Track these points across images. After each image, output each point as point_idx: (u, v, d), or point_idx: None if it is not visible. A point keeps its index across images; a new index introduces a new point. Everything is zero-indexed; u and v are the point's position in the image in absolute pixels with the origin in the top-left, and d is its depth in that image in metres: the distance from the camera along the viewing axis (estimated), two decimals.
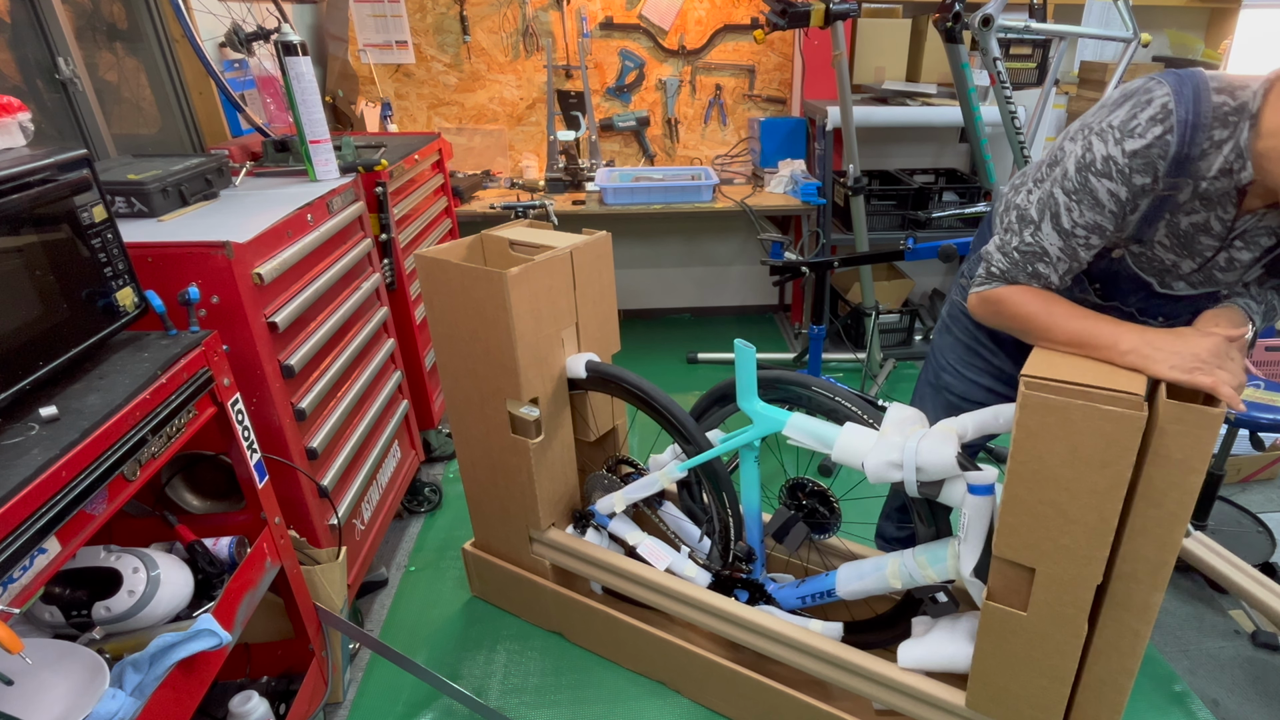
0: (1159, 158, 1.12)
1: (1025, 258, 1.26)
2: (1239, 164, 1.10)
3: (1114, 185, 1.16)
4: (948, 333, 1.64)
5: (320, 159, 1.94)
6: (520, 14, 3.37)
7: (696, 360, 3.60)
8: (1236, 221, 1.18)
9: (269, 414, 1.54)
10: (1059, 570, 1.16)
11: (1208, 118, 1.09)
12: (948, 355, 1.63)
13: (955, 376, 1.62)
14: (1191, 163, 1.11)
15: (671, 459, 1.81)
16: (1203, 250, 1.21)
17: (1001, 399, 1.56)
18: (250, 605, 1.37)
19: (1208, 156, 1.11)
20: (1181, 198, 1.16)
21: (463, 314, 1.67)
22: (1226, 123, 1.10)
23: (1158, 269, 1.27)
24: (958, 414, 1.40)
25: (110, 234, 1.19)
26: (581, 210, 3.18)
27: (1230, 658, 1.94)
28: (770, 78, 3.61)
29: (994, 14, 2.29)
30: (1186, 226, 1.20)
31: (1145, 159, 1.12)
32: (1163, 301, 1.31)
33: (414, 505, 2.52)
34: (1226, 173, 1.12)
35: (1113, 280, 1.32)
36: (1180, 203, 1.17)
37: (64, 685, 1.08)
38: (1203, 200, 1.16)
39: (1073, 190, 1.19)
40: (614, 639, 1.88)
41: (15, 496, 0.89)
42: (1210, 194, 1.15)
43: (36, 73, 1.87)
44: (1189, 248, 1.22)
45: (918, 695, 1.45)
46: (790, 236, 3.73)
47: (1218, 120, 1.10)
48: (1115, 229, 1.20)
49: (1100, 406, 1.03)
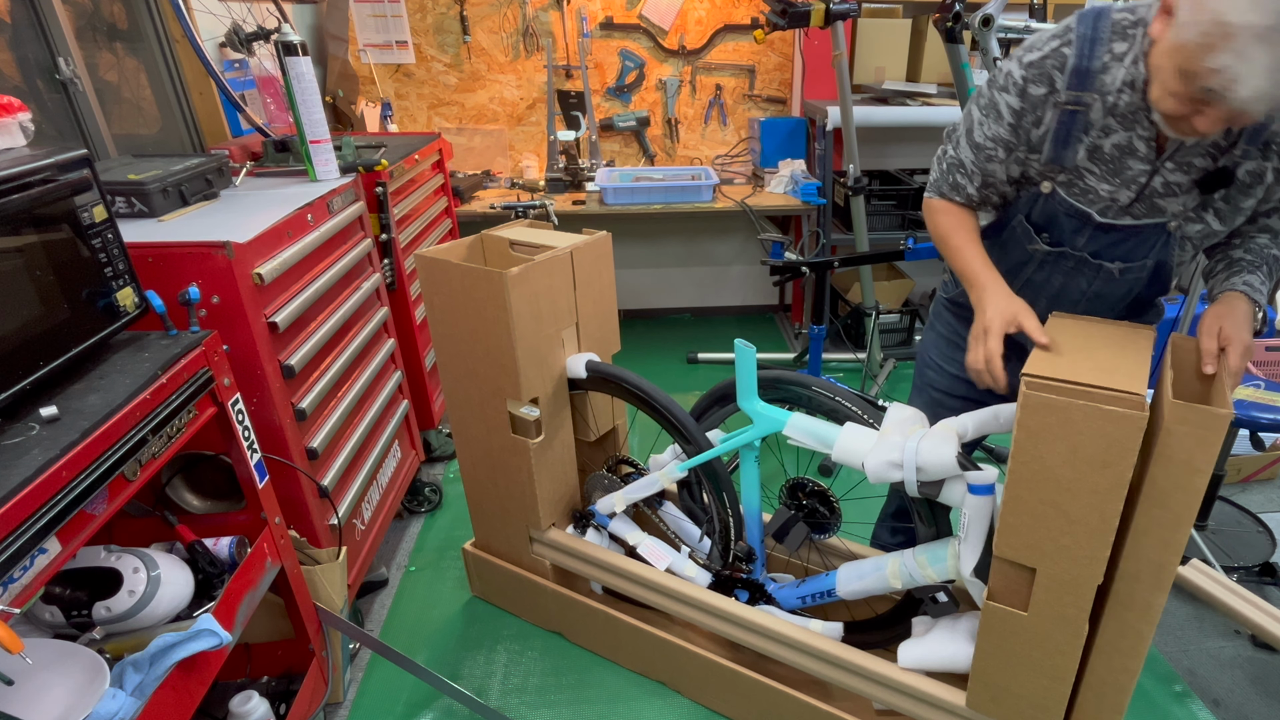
0: (1054, 68, 1.19)
1: (949, 169, 1.39)
2: (1137, 72, 1.14)
3: (1010, 97, 1.24)
4: (932, 329, 1.68)
5: (320, 159, 1.94)
6: (520, 14, 3.36)
7: (696, 360, 3.60)
8: (1165, 143, 1.18)
9: (269, 414, 1.54)
10: (1060, 570, 1.16)
11: (1106, 31, 1.15)
12: (930, 351, 1.66)
13: (937, 372, 1.64)
14: (1094, 76, 1.17)
15: (671, 459, 1.81)
16: (1135, 175, 1.22)
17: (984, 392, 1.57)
18: (250, 605, 1.37)
19: (1110, 70, 1.16)
20: (1093, 115, 1.20)
21: (463, 314, 1.67)
22: (1126, 35, 1.14)
23: (1093, 200, 1.27)
24: (942, 411, 1.43)
25: (110, 234, 1.19)
26: (581, 210, 3.18)
27: (1230, 658, 1.94)
28: (770, 78, 3.61)
29: (994, 14, 2.29)
30: (1111, 150, 1.21)
31: (1040, 69, 1.20)
32: (1110, 239, 1.30)
33: (414, 505, 2.52)
34: (1130, 85, 1.15)
35: (1054, 222, 1.34)
36: (1093, 121, 1.20)
37: (64, 685, 1.08)
38: (1118, 119, 1.19)
39: (984, 106, 1.29)
40: (614, 639, 1.87)
41: (15, 497, 0.89)
42: (1122, 110, 1.18)
43: (36, 73, 1.87)
44: (1120, 174, 1.23)
45: (918, 695, 1.45)
46: (790, 236, 3.73)
47: (1117, 33, 1.15)
48: (1016, 141, 1.28)
49: (1101, 407, 1.03)
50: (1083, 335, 1.23)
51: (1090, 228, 1.30)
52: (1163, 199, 1.24)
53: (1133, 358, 1.14)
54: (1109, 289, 1.37)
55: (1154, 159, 1.20)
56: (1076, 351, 1.17)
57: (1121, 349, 1.17)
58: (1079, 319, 1.29)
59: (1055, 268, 1.39)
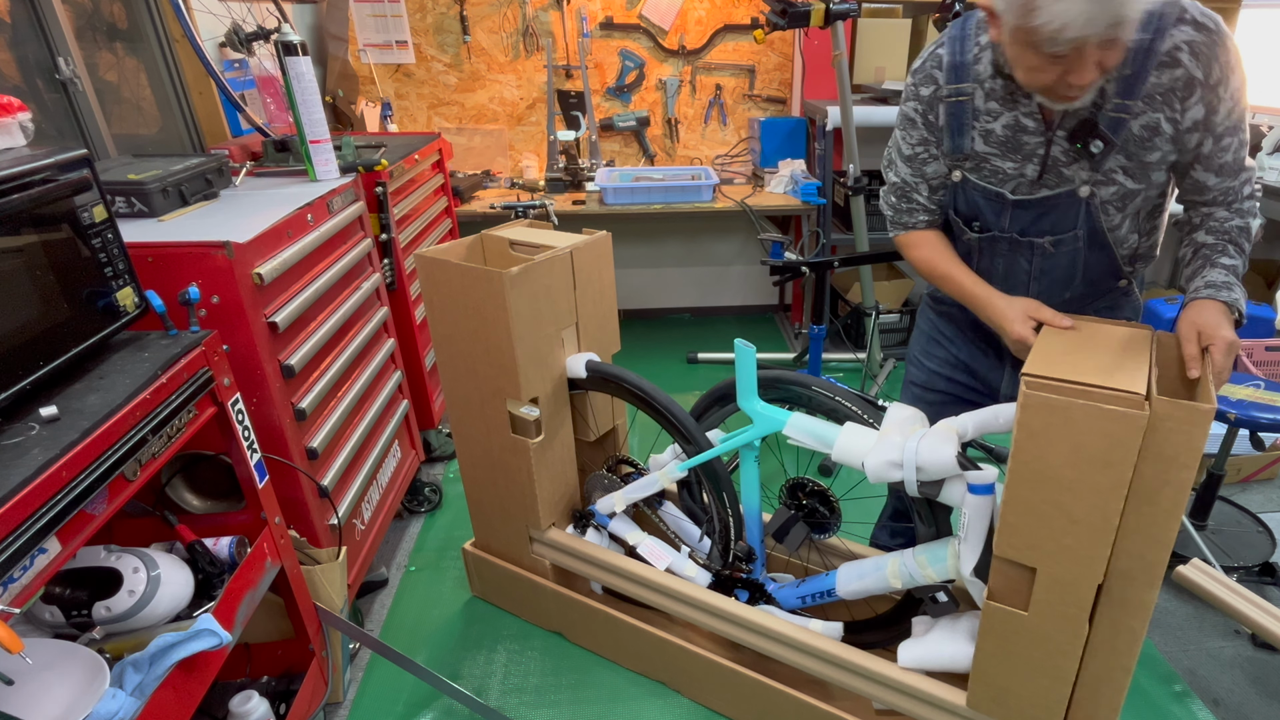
0: (934, 68, 1.34)
1: (899, 197, 1.49)
2: (1003, 59, 1.23)
3: (911, 104, 1.39)
4: (917, 327, 1.72)
5: (320, 159, 1.94)
6: (520, 14, 3.37)
7: (696, 360, 3.60)
8: (1051, 115, 1.26)
9: (269, 414, 1.54)
10: (1060, 570, 1.16)
11: (972, 28, 1.30)
12: (914, 348, 1.71)
13: (919, 367, 1.67)
14: (968, 67, 1.30)
15: (671, 459, 1.81)
16: (1033, 149, 1.30)
17: (962, 388, 1.62)
18: (250, 605, 1.37)
19: (981, 60, 1.29)
20: (977, 103, 1.31)
21: (463, 314, 1.67)
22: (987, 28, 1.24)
23: (1003, 179, 1.34)
24: (923, 406, 1.47)
25: (110, 234, 1.19)
26: (581, 210, 3.18)
27: (1230, 658, 1.94)
28: (770, 78, 3.61)
29: None
30: (1002, 131, 1.31)
31: (924, 73, 1.36)
32: (1030, 215, 1.35)
33: (414, 505, 2.52)
34: (999, 70, 1.27)
35: (976, 208, 1.40)
36: (978, 108, 1.31)
37: (64, 685, 1.08)
38: (999, 101, 1.29)
39: (900, 123, 1.44)
40: (614, 639, 1.87)
41: (15, 496, 0.89)
42: (999, 93, 1.29)
43: (36, 73, 1.87)
44: (1018, 150, 1.31)
45: (918, 695, 1.45)
46: (790, 236, 3.73)
47: (980, 28, 1.29)
48: (935, 139, 1.38)
49: (1102, 406, 1.03)
50: (1082, 335, 1.23)
51: (1008, 206, 1.36)
52: (1067, 167, 1.29)
53: (1132, 357, 1.14)
54: (1050, 264, 1.40)
55: (1044, 131, 1.28)
56: (1077, 351, 1.17)
57: (1121, 349, 1.17)
58: (1080, 319, 1.29)
59: (993, 252, 1.44)
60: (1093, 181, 1.29)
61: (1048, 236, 1.36)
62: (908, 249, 1.51)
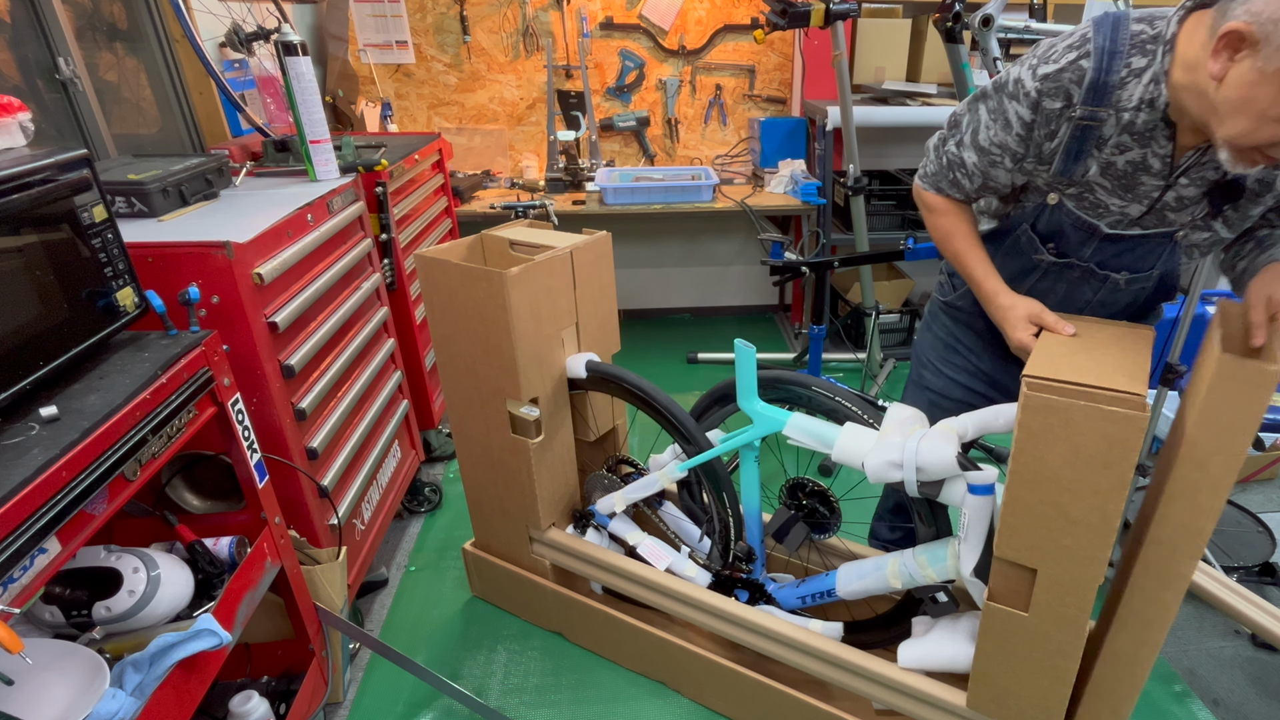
0: (1072, 83, 1.14)
1: (949, 165, 1.36)
2: (1157, 92, 1.11)
3: (1021, 108, 1.20)
4: (928, 331, 1.67)
5: (320, 159, 1.94)
6: (520, 14, 3.36)
7: (696, 360, 3.60)
8: (1178, 159, 1.16)
9: (269, 414, 1.54)
10: (1061, 571, 1.16)
11: (1124, 45, 1.11)
12: (928, 353, 1.66)
13: (935, 374, 1.64)
14: (1110, 91, 1.13)
15: (671, 459, 1.81)
16: (1148, 191, 1.21)
17: (979, 397, 1.59)
18: (250, 605, 1.37)
19: (1127, 85, 1.13)
20: (1106, 131, 1.17)
21: (463, 314, 1.67)
22: (1145, 51, 1.11)
23: (1102, 214, 1.26)
24: (938, 411, 1.42)
25: (110, 234, 1.19)
26: (581, 210, 3.17)
27: (1230, 658, 1.94)
28: (770, 78, 3.61)
29: (994, 14, 2.29)
30: (1124, 165, 1.19)
31: (1056, 83, 1.15)
32: (1116, 250, 1.29)
33: (414, 505, 2.52)
34: (1149, 103, 1.12)
35: (1061, 234, 1.32)
36: (1106, 137, 1.18)
37: (64, 685, 1.08)
38: (1133, 135, 1.16)
39: (992, 109, 1.25)
40: (614, 639, 1.87)
41: (15, 496, 0.89)
42: (1138, 127, 1.15)
43: (36, 73, 1.87)
44: (1132, 189, 1.21)
45: (918, 695, 1.45)
46: (790, 236, 3.73)
47: (1136, 48, 1.11)
48: (1025, 152, 1.24)
49: (1103, 407, 1.03)
50: (1083, 335, 1.23)
51: (1097, 239, 1.29)
52: (1174, 212, 1.23)
53: (1133, 358, 1.14)
54: (1114, 298, 1.37)
55: (1168, 175, 1.19)
56: (1077, 352, 1.17)
57: (1122, 349, 1.17)
58: (1079, 319, 1.29)
59: (1060, 277, 1.38)
60: (1190, 226, 1.25)
61: (1125, 273, 1.32)
62: (931, 211, 1.42)
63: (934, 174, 1.40)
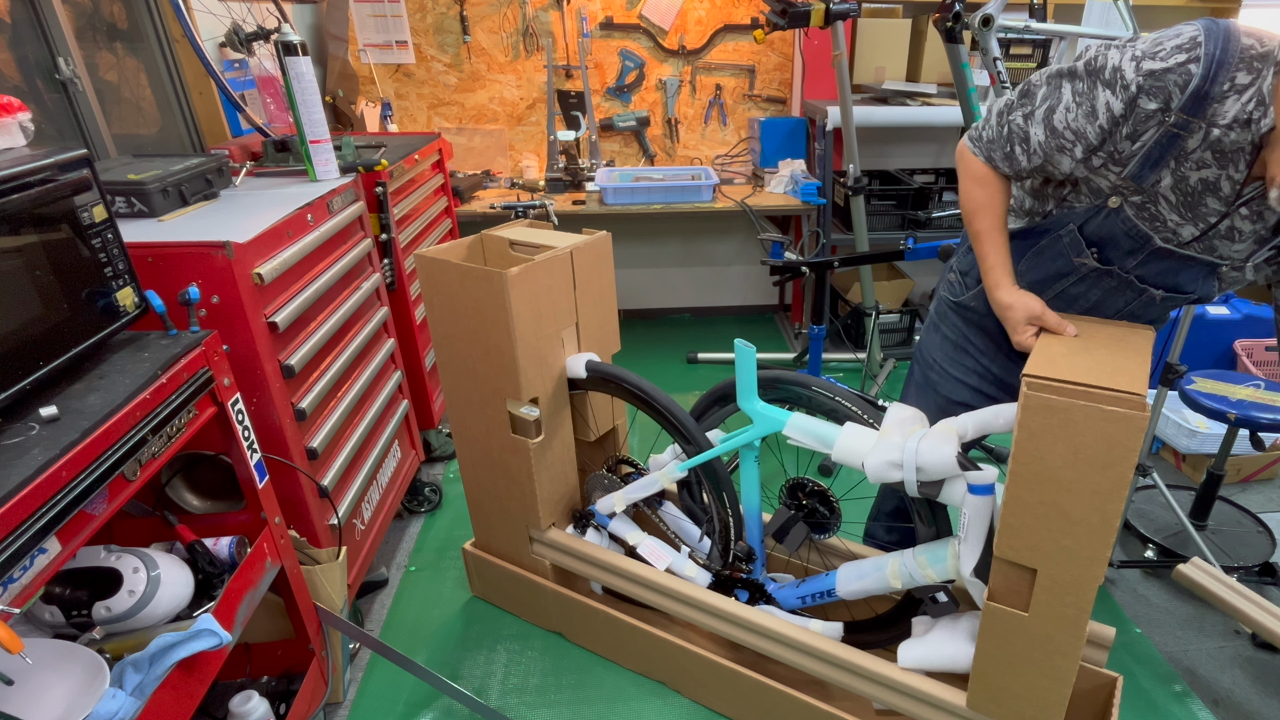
0: (1176, 86, 1.08)
1: (1009, 136, 1.27)
2: (1259, 112, 1.06)
3: (1115, 100, 1.13)
4: (935, 331, 1.64)
5: (320, 159, 1.94)
6: (520, 14, 3.36)
7: (696, 360, 3.60)
8: (1246, 186, 1.13)
9: (269, 414, 1.54)
10: (1061, 571, 1.16)
11: (1234, 57, 1.06)
12: (934, 354, 1.63)
13: (942, 375, 1.62)
14: (1210, 103, 1.08)
15: (671, 459, 1.81)
16: (1207, 215, 1.18)
17: (987, 399, 1.56)
18: (250, 605, 1.37)
19: (1226, 100, 1.07)
20: (1191, 144, 1.12)
21: (463, 314, 1.67)
22: (1251, 68, 1.07)
23: (1158, 227, 1.23)
24: (945, 413, 1.40)
25: (110, 234, 1.19)
26: (581, 210, 3.17)
27: (1230, 658, 1.94)
28: (770, 78, 3.61)
29: (994, 14, 2.29)
30: (1195, 182, 1.15)
31: (1160, 82, 1.09)
32: (1161, 266, 1.27)
33: (414, 505, 2.52)
34: (1244, 123, 1.07)
35: (1110, 240, 1.28)
36: (1189, 150, 1.12)
37: (64, 685, 1.08)
38: (1214, 153, 1.11)
39: (1080, 92, 1.17)
40: (614, 639, 1.87)
41: (15, 496, 0.89)
42: (1223, 146, 1.10)
43: (36, 73, 1.87)
44: (1194, 209, 1.18)
45: (918, 695, 1.45)
46: (790, 236, 3.73)
47: (1243, 63, 1.06)
48: (1101, 147, 1.18)
49: (1102, 407, 1.03)
50: (1083, 335, 1.23)
51: (1146, 252, 1.26)
52: (1224, 242, 1.21)
53: (1133, 358, 1.14)
54: (1144, 311, 1.35)
55: (1232, 201, 1.15)
56: (1077, 352, 1.17)
57: (1122, 349, 1.17)
58: (1079, 319, 1.29)
59: (1096, 284, 1.34)
60: (1232, 263, 1.24)
61: (1163, 290, 1.30)
62: (973, 179, 1.33)
63: (989, 140, 1.30)
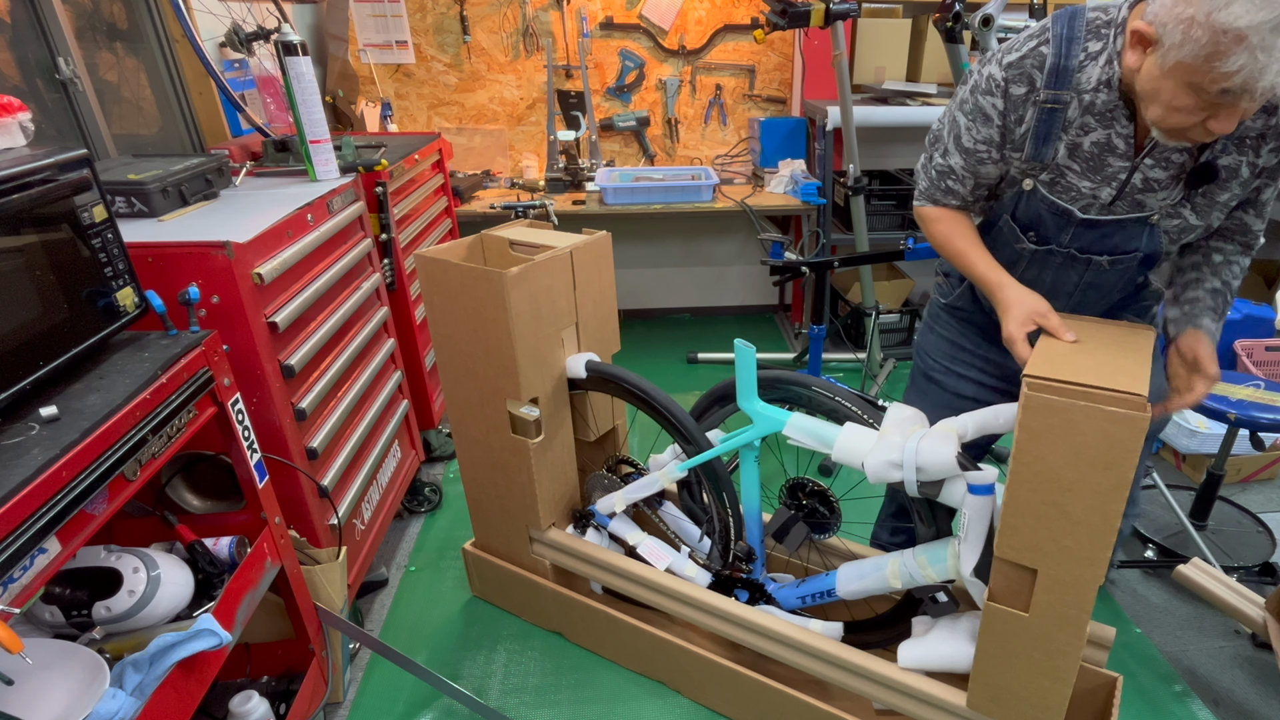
0: (1034, 68, 1.22)
1: (939, 176, 1.41)
2: (1111, 72, 1.17)
3: (995, 99, 1.27)
4: (931, 331, 1.67)
5: (320, 159, 1.94)
6: (520, 14, 3.36)
7: (696, 360, 3.60)
8: (1143, 140, 1.21)
9: (269, 414, 1.54)
10: (1061, 571, 1.16)
11: (1081, 31, 1.19)
12: (933, 353, 1.66)
13: (944, 374, 1.64)
14: (1071, 74, 1.20)
15: (671, 459, 1.81)
16: (1116, 173, 1.25)
17: (992, 391, 1.59)
18: (250, 605, 1.37)
19: (1085, 69, 1.19)
20: (1071, 114, 1.23)
21: (463, 314, 1.67)
22: (1099, 35, 1.17)
23: (1074, 198, 1.29)
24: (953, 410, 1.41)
25: (110, 234, 1.19)
26: (581, 210, 3.17)
27: (1230, 658, 1.94)
28: (770, 78, 3.61)
29: (994, 14, 2.29)
30: (1090, 147, 1.24)
31: (1020, 69, 1.23)
32: (1094, 235, 1.32)
33: (414, 505, 2.52)
34: (1106, 84, 1.18)
35: (1039, 220, 1.35)
36: (1071, 119, 1.23)
37: (64, 685, 1.08)
38: (1096, 116, 1.22)
39: (969, 111, 1.31)
40: (614, 639, 1.87)
41: (15, 496, 0.89)
42: (1098, 108, 1.21)
43: (36, 73, 1.87)
44: (1100, 171, 1.25)
45: (918, 695, 1.45)
46: (790, 236, 3.73)
47: (1091, 33, 1.19)
48: (1004, 141, 1.30)
49: (1103, 408, 1.03)
50: (1084, 336, 1.23)
51: (1074, 225, 1.32)
52: (1143, 194, 1.26)
53: (1133, 358, 1.14)
54: (1101, 279, 1.39)
55: (1133, 156, 1.23)
56: (1078, 352, 1.17)
57: (1122, 349, 1.17)
58: (1079, 319, 1.29)
59: (1045, 264, 1.40)
60: (1163, 212, 1.27)
61: (1106, 256, 1.34)
62: (928, 222, 1.46)
63: (926, 189, 1.45)
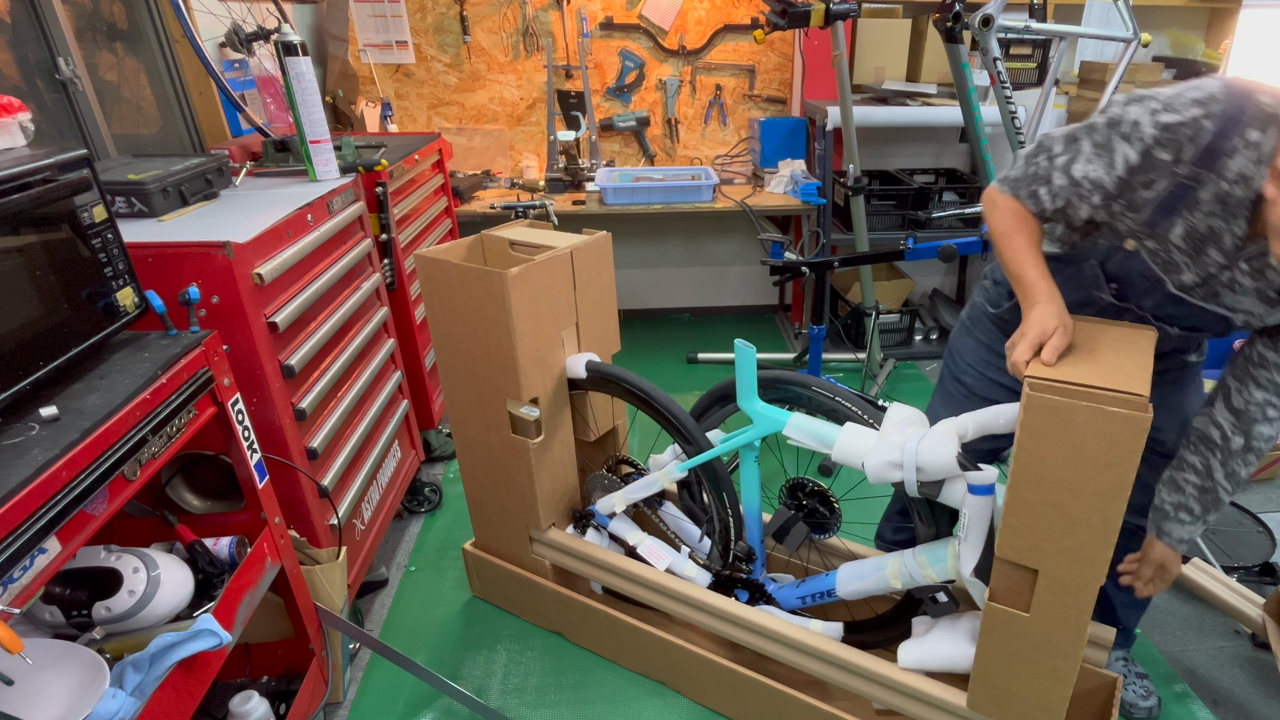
0: (1188, 139, 1.11)
1: (1035, 175, 1.29)
2: (1258, 171, 1.08)
3: (1131, 151, 1.16)
4: (969, 335, 1.64)
5: (320, 159, 1.94)
6: (520, 14, 3.36)
7: (696, 360, 3.60)
8: (1249, 243, 1.16)
9: (269, 414, 1.54)
10: (1062, 572, 1.16)
11: (1248, 114, 1.07)
12: (968, 357, 1.63)
13: (977, 379, 1.61)
14: (1221, 157, 1.09)
15: (671, 459, 1.81)
16: (1208, 264, 1.20)
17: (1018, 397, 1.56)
18: (250, 605, 1.37)
19: (1236, 155, 1.09)
20: (1203, 195, 1.13)
21: (463, 314, 1.67)
22: (1264, 126, 1.08)
23: (1169, 269, 1.25)
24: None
25: (110, 234, 1.19)
26: (581, 210, 3.17)
27: (1230, 658, 1.94)
28: (770, 78, 3.61)
29: (994, 14, 2.29)
30: (1205, 230, 1.17)
31: (1173, 135, 1.11)
32: (1178, 309, 1.28)
33: (414, 505, 2.52)
34: (1245, 180, 1.09)
35: (1128, 279, 1.30)
36: (1201, 201, 1.14)
37: (64, 685, 1.08)
38: (1223, 205, 1.13)
39: (1098, 144, 1.20)
40: (614, 639, 1.87)
41: (15, 496, 0.89)
42: (1229, 199, 1.12)
43: (36, 73, 1.87)
44: (1198, 255, 1.20)
45: (918, 695, 1.45)
46: (790, 236, 3.73)
47: (1257, 120, 1.07)
48: (1118, 195, 1.21)
49: (1104, 408, 1.03)
50: (1085, 336, 1.23)
51: (1160, 294, 1.27)
52: (1224, 289, 1.22)
53: (1134, 359, 1.14)
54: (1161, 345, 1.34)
55: (1234, 255, 1.18)
56: (1079, 353, 1.17)
57: (1123, 350, 1.17)
58: (1080, 319, 1.29)
59: (1116, 318, 1.35)
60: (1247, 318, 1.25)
61: (1176, 328, 1.31)
62: (998, 208, 1.33)
63: (1015, 179, 1.33)
